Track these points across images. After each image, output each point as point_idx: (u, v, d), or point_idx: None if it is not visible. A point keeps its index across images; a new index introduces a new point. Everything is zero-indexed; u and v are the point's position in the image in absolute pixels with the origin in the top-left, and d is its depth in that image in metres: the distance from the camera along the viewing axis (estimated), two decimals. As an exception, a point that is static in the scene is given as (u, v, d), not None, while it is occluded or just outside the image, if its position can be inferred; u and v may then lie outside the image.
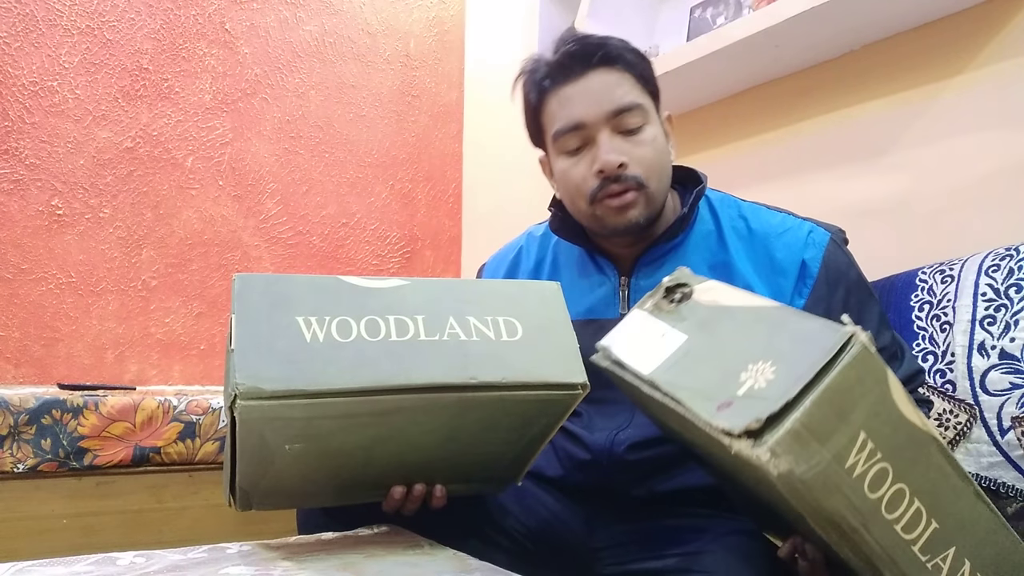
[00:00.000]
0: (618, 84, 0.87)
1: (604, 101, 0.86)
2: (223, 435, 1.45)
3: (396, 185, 2.24)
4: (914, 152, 1.21)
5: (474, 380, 0.65)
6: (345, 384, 0.62)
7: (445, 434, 0.71)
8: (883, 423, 0.52)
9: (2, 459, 1.28)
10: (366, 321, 0.65)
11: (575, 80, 0.88)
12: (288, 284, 0.66)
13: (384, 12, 2.23)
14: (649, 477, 0.88)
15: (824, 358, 0.50)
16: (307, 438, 0.66)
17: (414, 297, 0.68)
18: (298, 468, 0.71)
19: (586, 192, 0.88)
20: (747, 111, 1.46)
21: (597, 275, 0.95)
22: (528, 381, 0.67)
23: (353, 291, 0.67)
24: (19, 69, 1.72)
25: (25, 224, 1.72)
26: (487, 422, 0.71)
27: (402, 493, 0.75)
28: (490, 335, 0.68)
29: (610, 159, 0.85)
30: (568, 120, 0.88)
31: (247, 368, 0.60)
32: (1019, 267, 0.90)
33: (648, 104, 0.89)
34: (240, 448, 0.65)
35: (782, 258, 0.87)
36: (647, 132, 0.87)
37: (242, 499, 0.73)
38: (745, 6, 1.41)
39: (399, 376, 0.63)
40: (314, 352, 0.62)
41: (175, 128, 1.90)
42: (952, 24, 1.16)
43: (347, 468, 0.73)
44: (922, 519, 0.53)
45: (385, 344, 0.64)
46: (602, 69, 0.87)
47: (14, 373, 1.70)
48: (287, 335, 0.63)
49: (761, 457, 0.49)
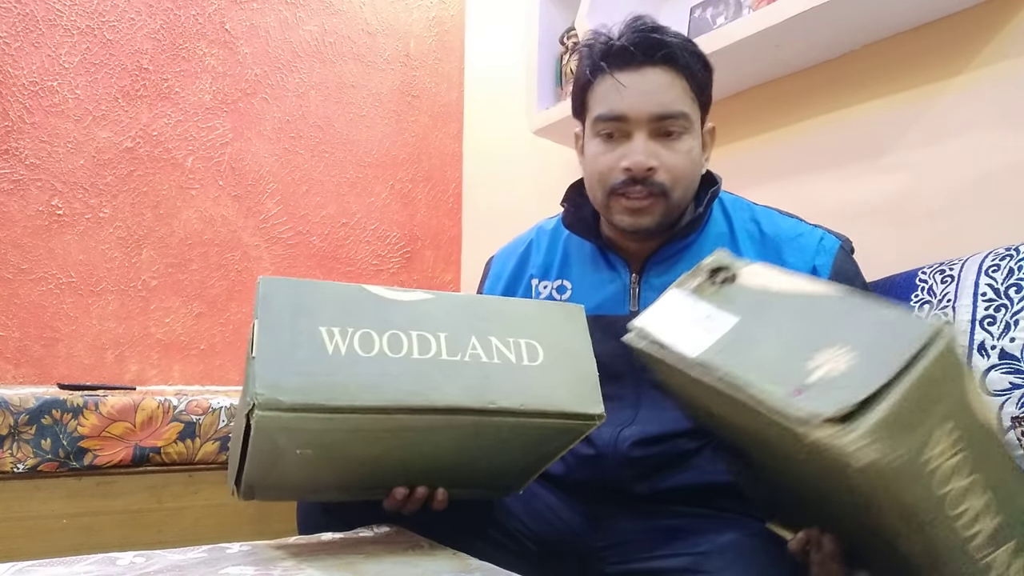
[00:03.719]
0: (670, 87, 0.86)
1: (652, 102, 0.86)
2: (223, 435, 1.45)
3: (396, 185, 2.24)
4: (914, 152, 1.21)
5: (492, 405, 0.65)
6: (364, 401, 0.61)
7: (456, 449, 0.71)
8: (965, 415, 0.51)
9: (2, 459, 1.28)
10: (389, 336, 0.64)
11: (631, 71, 0.87)
12: (313, 291, 0.65)
13: (384, 12, 2.23)
14: (652, 474, 0.88)
15: (913, 348, 0.49)
16: (319, 446, 0.66)
17: (437, 312, 0.68)
18: (306, 469, 0.71)
19: (608, 183, 0.88)
20: (747, 111, 1.46)
21: (608, 271, 0.95)
22: (546, 409, 0.67)
23: (377, 303, 0.67)
24: (19, 69, 1.72)
25: (25, 224, 1.72)
26: (500, 443, 0.71)
27: (404, 494, 0.76)
28: (511, 358, 0.67)
29: (640, 160, 0.85)
30: (612, 108, 0.88)
31: (267, 378, 0.59)
32: (1019, 267, 0.90)
33: (694, 114, 0.88)
34: (252, 450, 0.65)
35: (793, 263, 0.88)
36: (685, 142, 0.87)
37: (246, 491, 0.74)
38: (745, 6, 1.41)
39: (418, 396, 0.63)
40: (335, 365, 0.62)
41: (175, 128, 1.90)
42: (952, 24, 1.16)
43: (353, 471, 0.73)
44: (991, 511, 0.53)
45: (407, 362, 0.64)
46: (661, 68, 0.86)
47: (14, 373, 1.70)
48: (309, 345, 0.62)
49: (848, 446, 0.47)
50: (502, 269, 1.05)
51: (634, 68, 0.87)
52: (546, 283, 0.99)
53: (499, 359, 0.67)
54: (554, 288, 0.98)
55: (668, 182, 0.86)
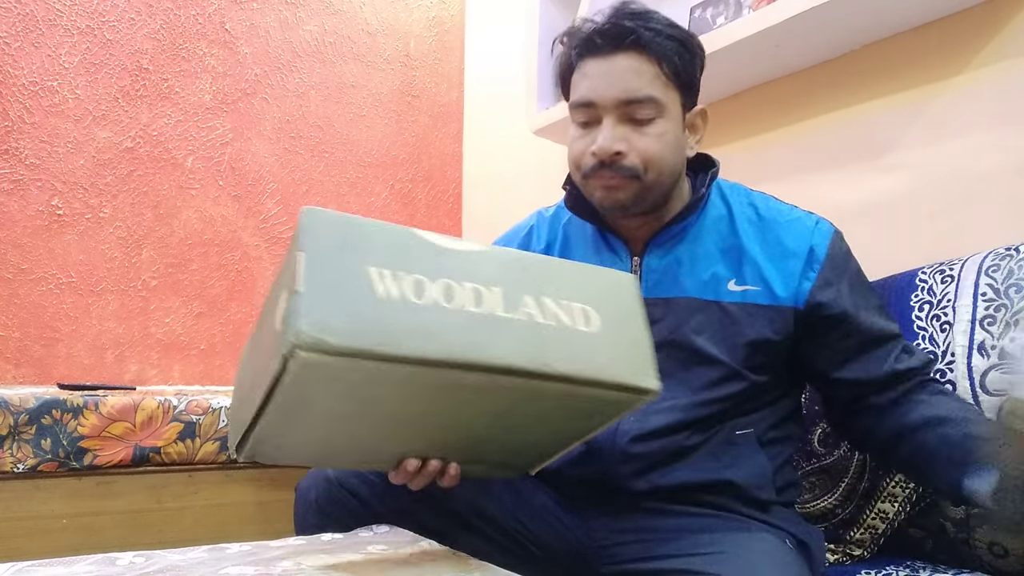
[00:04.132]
0: (638, 73, 0.86)
1: (617, 88, 0.86)
2: (223, 435, 1.45)
3: (396, 185, 2.24)
4: (914, 152, 1.21)
5: (547, 368, 0.60)
6: (416, 352, 0.55)
7: (493, 417, 0.66)
8: None
9: (2, 459, 1.28)
10: (442, 284, 0.59)
11: (600, 58, 0.88)
12: (360, 227, 0.59)
13: (384, 12, 2.22)
14: (650, 470, 0.88)
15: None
16: (354, 399, 0.60)
17: (489, 266, 0.62)
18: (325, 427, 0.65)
19: (582, 167, 0.90)
20: (747, 111, 1.46)
21: (609, 254, 0.95)
22: (601, 379, 0.62)
23: (427, 248, 0.61)
24: (19, 69, 1.72)
25: (25, 224, 1.72)
26: (542, 412, 0.66)
27: (416, 467, 0.71)
28: (566, 322, 0.63)
29: (605, 146, 0.86)
30: (581, 96, 0.89)
31: (314, 316, 0.52)
32: (1019, 267, 0.90)
33: (667, 98, 0.87)
34: (276, 401, 0.58)
35: (791, 242, 0.89)
36: (658, 126, 0.87)
37: (249, 450, 0.68)
38: (745, 6, 1.41)
39: (473, 352, 0.57)
40: (386, 310, 0.55)
41: (175, 128, 1.90)
42: (952, 24, 1.16)
43: (374, 435, 0.68)
44: None
45: (462, 314, 0.58)
46: (630, 53, 0.86)
47: (14, 373, 1.70)
48: (357, 285, 0.55)
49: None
50: None
51: (603, 55, 0.88)
52: None
53: (555, 321, 0.62)
54: None
55: (639, 164, 0.86)
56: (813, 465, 1.05)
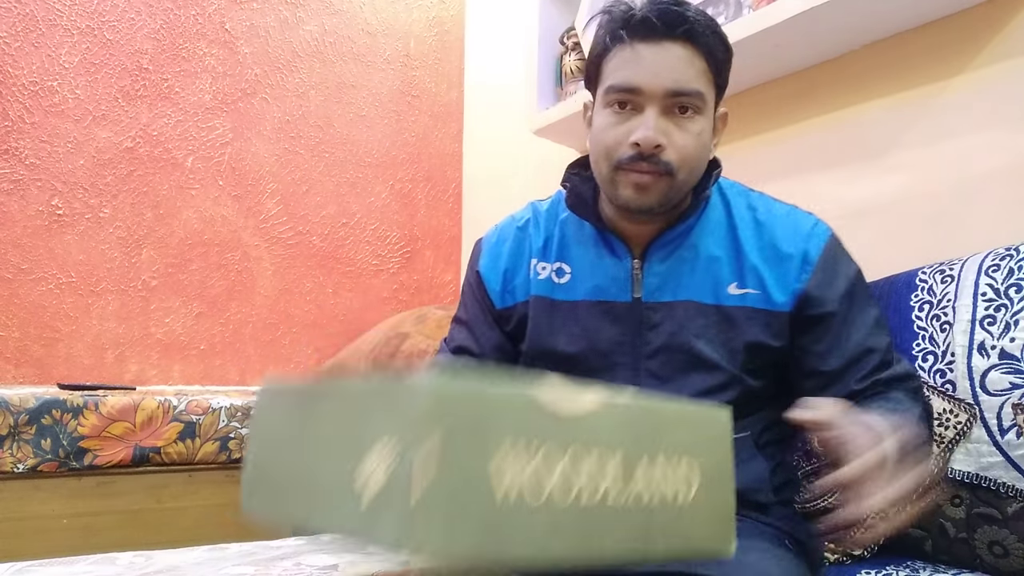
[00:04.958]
0: (689, 65, 0.83)
1: (669, 77, 0.83)
2: (223, 435, 1.45)
3: (396, 185, 2.24)
4: (914, 152, 1.21)
5: (648, 551, 0.62)
6: (532, 556, 0.55)
7: None
8: None
9: (2, 459, 1.28)
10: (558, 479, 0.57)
11: (651, 42, 0.84)
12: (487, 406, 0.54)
13: (384, 12, 2.23)
14: None
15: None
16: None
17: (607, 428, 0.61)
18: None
19: (614, 156, 0.85)
20: (747, 111, 1.46)
21: (609, 256, 0.93)
22: (690, 549, 0.66)
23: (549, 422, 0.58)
24: (19, 69, 1.72)
25: (25, 224, 1.72)
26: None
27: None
28: (667, 495, 0.64)
29: (650, 136, 0.82)
30: (626, 80, 0.84)
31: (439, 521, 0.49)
32: (1019, 267, 0.90)
33: (710, 96, 0.86)
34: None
35: (786, 246, 0.88)
36: (697, 122, 0.85)
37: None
38: (745, 6, 1.41)
39: (584, 554, 0.59)
40: (504, 516, 0.54)
41: (175, 128, 1.90)
42: (952, 24, 1.16)
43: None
44: None
45: (574, 512, 0.58)
46: (681, 43, 0.83)
47: (14, 373, 1.70)
48: (478, 490, 0.52)
49: None
50: (498, 248, 1.01)
51: (654, 40, 0.83)
52: (544, 264, 0.97)
53: (658, 498, 0.63)
54: (553, 271, 0.96)
55: (675, 161, 0.83)
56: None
